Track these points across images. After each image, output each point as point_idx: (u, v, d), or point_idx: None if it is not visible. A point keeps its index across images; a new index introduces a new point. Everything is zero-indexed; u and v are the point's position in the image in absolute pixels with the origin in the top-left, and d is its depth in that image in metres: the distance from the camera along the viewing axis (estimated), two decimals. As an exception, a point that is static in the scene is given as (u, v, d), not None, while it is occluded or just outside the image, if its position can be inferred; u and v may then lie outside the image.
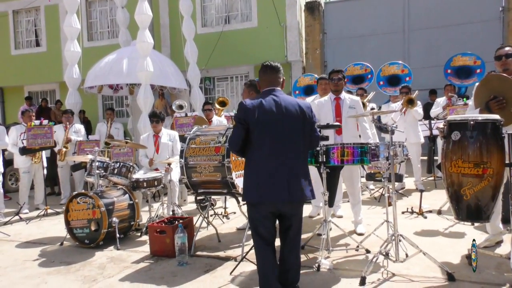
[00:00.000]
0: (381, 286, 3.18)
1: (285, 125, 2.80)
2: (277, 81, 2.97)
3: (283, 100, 2.85)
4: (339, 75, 4.55)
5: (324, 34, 11.94)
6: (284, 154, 2.79)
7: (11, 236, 5.30)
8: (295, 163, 2.83)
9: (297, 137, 2.84)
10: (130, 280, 3.61)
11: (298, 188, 2.80)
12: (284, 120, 2.80)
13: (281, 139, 2.80)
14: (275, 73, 2.97)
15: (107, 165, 5.09)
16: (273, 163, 2.78)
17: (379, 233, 4.05)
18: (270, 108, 2.81)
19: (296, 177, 2.81)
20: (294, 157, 2.82)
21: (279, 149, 2.79)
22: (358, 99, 4.76)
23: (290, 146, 2.81)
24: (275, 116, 2.79)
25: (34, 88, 14.45)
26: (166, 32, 12.43)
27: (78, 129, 7.51)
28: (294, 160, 2.82)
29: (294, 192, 2.78)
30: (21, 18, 14.18)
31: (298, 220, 2.94)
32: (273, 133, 2.79)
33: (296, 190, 2.79)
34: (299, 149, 2.85)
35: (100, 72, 9.10)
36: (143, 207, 5.51)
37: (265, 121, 2.78)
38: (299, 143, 2.85)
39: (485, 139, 3.01)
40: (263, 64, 3.01)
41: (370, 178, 6.29)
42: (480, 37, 10.29)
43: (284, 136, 2.80)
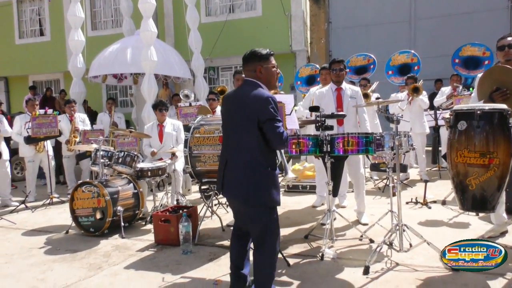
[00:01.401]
0: (385, 275, 3.18)
1: (233, 120, 2.70)
2: (251, 71, 2.74)
3: (241, 92, 2.73)
4: (340, 66, 4.52)
5: (329, 24, 11.84)
6: (230, 149, 2.73)
7: (17, 224, 5.35)
8: (235, 159, 2.67)
9: (241, 132, 2.65)
10: (135, 268, 3.64)
11: (235, 187, 2.66)
12: (232, 113, 2.71)
13: (229, 134, 2.75)
14: (247, 63, 2.77)
15: (111, 154, 5.10)
16: (222, 156, 2.80)
17: (383, 223, 4.05)
18: (227, 100, 2.80)
19: (232, 174, 2.68)
20: (235, 153, 2.68)
21: (227, 144, 2.77)
22: (358, 89, 4.73)
23: (233, 141, 2.71)
24: (228, 110, 2.76)
25: (39, 77, 14.49)
26: (170, 21, 12.38)
27: (83, 119, 7.51)
28: (234, 156, 2.67)
29: (227, 187, 2.71)
30: (25, 8, 14.16)
31: (251, 219, 2.70)
32: (224, 128, 2.81)
33: (229, 186, 2.70)
34: (244, 145, 2.63)
35: (104, 61, 9.10)
36: (147, 196, 5.53)
37: (223, 112, 2.82)
38: (245, 139, 2.63)
39: (492, 129, 2.98)
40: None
41: (374, 168, 6.28)
42: (487, 26, 10.16)
43: (231, 131, 2.73)
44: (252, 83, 2.71)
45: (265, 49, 2.76)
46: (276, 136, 2.58)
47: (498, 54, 3.73)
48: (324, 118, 3.64)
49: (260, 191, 2.60)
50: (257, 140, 2.60)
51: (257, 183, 2.60)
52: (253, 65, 2.73)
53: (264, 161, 2.64)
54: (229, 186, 2.71)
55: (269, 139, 2.60)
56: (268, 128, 2.57)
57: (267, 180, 2.63)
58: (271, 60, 2.76)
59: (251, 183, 2.60)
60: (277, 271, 3.34)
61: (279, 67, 6.95)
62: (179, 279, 3.34)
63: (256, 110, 2.58)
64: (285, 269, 3.39)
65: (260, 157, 2.62)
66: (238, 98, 2.72)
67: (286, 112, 3.61)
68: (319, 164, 4.60)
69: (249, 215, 2.71)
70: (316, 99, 4.69)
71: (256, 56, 2.73)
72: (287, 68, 10.60)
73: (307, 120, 4.81)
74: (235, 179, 2.66)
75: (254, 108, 2.58)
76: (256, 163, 2.62)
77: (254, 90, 2.65)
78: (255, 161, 2.61)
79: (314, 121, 3.80)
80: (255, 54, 2.73)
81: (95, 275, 3.53)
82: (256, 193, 2.60)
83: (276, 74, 2.85)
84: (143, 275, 3.48)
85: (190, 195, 6.66)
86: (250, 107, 2.60)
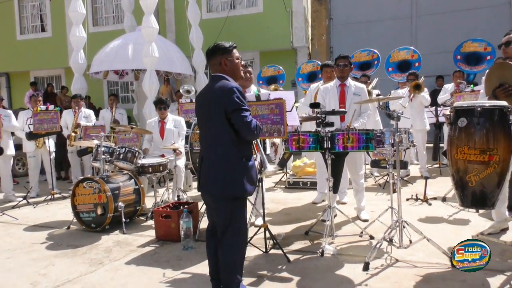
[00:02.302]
0: (385, 271, 3.20)
1: (203, 114, 2.73)
2: (216, 65, 2.73)
3: (209, 87, 2.74)
4: (345, 61, 4.51)
5: (331, 20, 11.81)
6: (203, 143, 2.76)
7: (19, 220, 5.38)
8: (209, 154, 2.67)
9: (212, 126, 2.65)
10: (136, 263, 3.66)
11: (207, 181, 2.66)
12: (203, 109, 2.72)
13: (202, 128, 2.79)
14: (212, 57, 2.76)
15: (112, 150, 5.11)
16: (200, 155, 2.82)
17: (383, 219, 4.06)
18: (198, 100, 2.82)
19: (207, 169, 2.67)
20: (209, 148, 2.69)
21: (201, 138, 2.80)
22: (363, 86, 4.70)
23: (207, 135, 2.72)
24: (199, 105, 2.78)
25: (40, 73, 14.49)
26: (171, 17, 12.36)
27: (88, 114, 7.48)
28: (208, 151, 2.69)
29: (202, 184, 2.71)
30: (26, 3, 14.13)
31: (219, 214, 2.69)
32: (198, 122, 2.84)
33: (204, 183, 2.69)
34: (217, 139, 2.64)
35: (106, 57, 9.10)
36: (148, 192, 5.55)
37: (196, 110, 2.84)
38: (217, 133, 2.63)
39: (492, 125, 2.98)
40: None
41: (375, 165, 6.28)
42: (489, 22, 10.13)
43: (202, 125, 2.77)
44: (217, 77, 2.70)
45: (228, 42, 2.77)
46: (244, 125, 2.57)
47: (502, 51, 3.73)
48: (325, 115, 3.64)
49: (231, 180, 2.59)
50: (227, 132, 2.60)
51: (229, 173, 2.60)
52: (217, 59, 2.73)
53: (237, 153, 2.63)
54: (204, 182, 2.70)
55: (238, 129, 2.60)
56: (236, 118, 2.57)
57: (239, 170, 2.62)
58: (234, 52, 2.77)
59: (223, 174, 2.59)
60: (278, 267, 3.38)
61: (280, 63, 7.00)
62: (180, 275, 3.36)
63: (222, 102, 2.57)
64: (286, 265, 3.41)
65: (232, 149, 2.62)
66: (206, 94, 2.74)
67: (287, 108, 3.63)
68: (320, 160, 4.60)
69: (215, 206, 2.71)
70: (320, 94, 4.70)
71: (219, 49, 2.73)
72: (288, 65, 10.58)
73: (308, 117, 4.81)
74: (208, 174, 2.66)
75: (220, 101, 2.58)
76: (229, 155, 2.62)
77: (217, 84, 2.66)
78: (227, 153, 2.62)
79: (314, 117, 3.80)
80: (219, 48, 2.73)
81: (97, 270, 3.55)
82: (226, 183, 2.58)
83: (241, 65, 2.86)
84: (144, 270, 3.50)
85: (191, 191, 6.68)
86: (216, 101, 2.61)
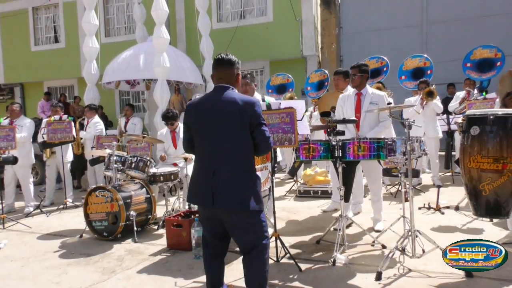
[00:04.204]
0: (398, 281, 3.17)
1: (216, 126, 2.57)
2: (230, 77, 2.71)
3: (221, 98, 2.60)
4: (354, 71, 4.50)
5: (340, 28, 11.82)
6: (214, 157, 2.59)
7: (32, 228, 5.44)
8: (226, 167, 2.55)
9: (231, 139, 2.56)
10: (147, 272, 3.68)
11: (225, 195, 2.53)
12: (216, 121, 2.57)
13: (211, 141, 2.60)
14: (226, 67, 2.71)
15: (124, 159, 5.17)
16: (202, 165, 2.65)
17: (395, 228, 4.03)
18: (204, 107, 2.64)
19: (224, 183, 2.53)
20: (225, 160, 2.56)
21: (209, 151, 2.61)
22: (383, 94, 4.58)
23: (220, 149, 2.57)
24: (208, 116, 2.60)
25: (53, 83, 14.74)
26: (182, 28, 12.50)
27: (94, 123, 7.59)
28: (224, 164, 2.56)
29: (219, 199, 2.53)
30: (40, 15, 14.44)
31: (242, 230, 2.63)
32: (203, 134, 2.64)
33: (221, 197, 2.53)
34: (233, 152, 2.57)
35: (118, 67, 9.22)
36: (159, 201, 5.58)
37: (198, 122, 2.65)
38: (235, 146, 2.56)
39: (505, 134, 2.96)
40: (216, 57, 2.76)
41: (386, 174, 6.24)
42: (500, 30, 10.05)
43: (214, 137, 2.58)
44: (225, 88, 2.66)
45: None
46: (266, 140, 2.59)
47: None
48: (336, 123, 3.65)
49: (253, 196, 2.57)
50: (247, 145, 2.59)
51: (251, 188, 2.58)
52: (233, 71, 2.73)
53: (252, 166, 2.64)
54: (223, 197, 2.54)
55: (258, 143, 2.59)
56: (259, 132, 2.57)
57: (257, 185, 2.63)
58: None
59: (246, 189, 2.56)
60: (289, 276, 3.37)
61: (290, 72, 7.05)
62: (192, 284, 3.37)
63: (247, 115, 2.54)
64: (297, 274, 3.40)
65: (251, 162, 2.63)
66: (222, 104, 2.59)
67: (298, 117, 3.64)
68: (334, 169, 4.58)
69: (234, 223, 2.62)
70: (339, 103, 4.70)
71: (235, 62, 2.74)
72: (298, 73, 10.61)
73: (319, 126, 4.81)
74: (230, 188, 2.54)
75: (244, 113, 2.54)
76: (248, 168, 2.61)
77: (237, 95, 2.63)
78: (247, 166, 2.60)
79: (325, 126, 3.81)
80: (234, 61, 2.74)
81: (109, 279, 3.58)
82: (251, 199, 2.55)
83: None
84: (155, 279, 3.51)
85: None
86: (240, 112, 2.54)
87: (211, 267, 2.79)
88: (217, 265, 2.80)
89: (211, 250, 2.78)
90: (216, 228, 2.71)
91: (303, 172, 7.00)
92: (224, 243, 2.81)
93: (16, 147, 5.81)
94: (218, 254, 2.80)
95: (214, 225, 2.71)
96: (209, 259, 2.79)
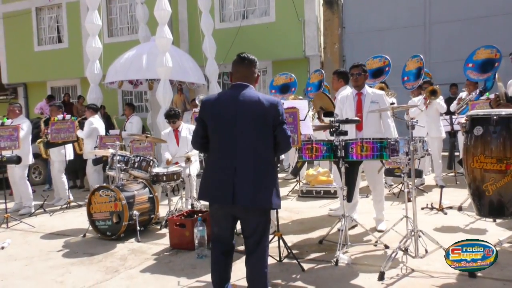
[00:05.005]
0: (400, 281, 3.16)
1: (238, 123, 2.57)
2: (251, 76, 2.74)
3: (242, 96, 2.62)
4: (358, 70, 4.47)
5: (343, 29, 11.81)
6: (234, 154, 2.58)
7: (36, 228, 5.46)
8: (247, 165, 2.57)
9: (253, 136, 2.58)
10: (150, 271, 3.69)
11: (247, 192, 2.54)
12: (238, 118, 2.57)
13: (232, 138, 2.59)
14: (249, 67, 2.73)
15: (127, 159, 5.18)
16: (221, 162, 2.62)
17: (398, 228, 4.03)
18: (224, 104, 2.63)
19: (246, 181, 2.55)
20: (246, 158, 2.57)
21: (229, 148, 2.60)
22: (382, 93, 4.59)
23: (242, 146, 2.57)
24: (228, 113, 2.60)
25: (57, 83, 14.78)
26: (184, 28, 12.52)
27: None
28: (246, 162, 2.57)
29: (240, 196, 2.53)
30: (43, 15, 14.48)
31: (256, 228, 2.66)
32: (224, 131, 2.61)
33: (243, 194, 2.54)
34: (255, 150, 2.58)
35: (121, 67, 9.24)
36: (162, 200, 5.59)
37: (217, 118, 2.63)
38: (256, 144, 2.59)
39: (509, 134, 2.96)
40: (238, 55, 2.78)
41: (389, 174, 6.23)
42: (503, 30, 10.02)
43: (236, 135, 2.58)
44: (245, 86, 2.70)
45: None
46: (287, 138, 2.66)
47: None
48: (339, 124, 3.65)
49: (275, 194, 2.64)
50: (269, 143, 2.63)
51: (273, 186, 2.64)
52: (254, 70, 2.77)
53: (274, 164, 2.71)
54: (245, 194, 2.54)
55: (280, 141, 2.65)
56: (281, 131, 2.63)
57: (277, 182, 2.71)
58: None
59: (269, 187, 2.60)
60: (292, 276, 3.37)
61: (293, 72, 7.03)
62: (195, 283, 3.37)
63: (271, 113, 2.60)
64: (300, 274, 3.40)
65: (272, 160, 2.68)
66: (246, 102, 2.61)
67: (301, 117, 3.65)
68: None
69: (251, 220, 2.67)
70: (337, 104, 4.69)
71: (257, 62, 2.79)
72: (300, 74, 10.60)
73: (321, 125, 4.81)
74: (252, 186, 2.55)
75: (269, 112, 2.59)
76: (270, 166, 2.66)
77: (258, 94, 2.67)
78: (269, 164, 2.65)
79: (328, 126, 3.81)
80: (256, 61, 2.79)
81: (112, 278, 3.59)
82: (274, 197, 2.62)
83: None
84: (158, 278, 3.52)
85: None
86: (264, 111, 2.59)
87: (221, 264, 2.80)
88: (227, 262, 2.82)
89: (222, 246, 2.79)
90: (229, 225, 2.75)
91: (305, 172, 7.00)
92: (232, 239, 2.84)
93: (20, 146, 5.83)
94: (228, 251, 2.82)
95: (228, 222, 2.74)
96: (219, 256, 2.79)
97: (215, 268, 2.81)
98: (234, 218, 2.73)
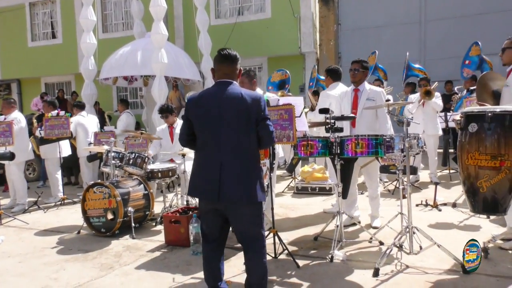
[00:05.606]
0: (395, 277, 3.18)
1: (222, 119, 2.59)
2: (233, 73, 2.74)
3: (225, 92, 2.63)
4: (355, 66, 4.44)
5: (339, 25, 11.82)
6: (218, 150, 2.60)
7: (30, 224, 5.43)
8: (233, 160, 2.59)
9: (237, 132, 2.60)
10: (145, 268, 3.68)
11: (232, 188, 2.56)
12: (222, 115, 2.59)
13: (216, 134, 2.61)
14: (231, 64, 2.73)
15: (122, 155, 5.16)
16: (207, 159, 2.65)
17: (393, 225, 4.04)
18: (208, 102, 2.64)
19: (231, 176, 2.57)
20: (231, 153, 2.59)
21: (213, 144, 2.62)
22: (380, 90, 4.54)
23: (226, 142, 2.59)
24: (213, 110, 2.61)
25: (51, 79, 14.68)
26: (180, 24, 12.46)
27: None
28: (230, 157, 2.59)
29: (226, 192, 2.56)
30: (37, 11, 14.35)
31: (245, 222, 2.67)
32: (208, 128, 2.64)
33: (228, 190, 2.56)
34: (240, 145, 2.61)
35: (115, 63, 9.20)
36: (157, 197, 5.57)
37: (201, 115, 2.65)
38: (240, 139, 2.61)
39: (503, 131, 2.97)
40: (219, 52, 2.76)
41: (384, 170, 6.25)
42: (498, 28, 10.06)
43: (219, 131, 2.60)
44: (229, 83, 2.69)
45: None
46: (270, 134, 2.66)
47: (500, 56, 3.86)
48: (334, 120, 3.65)
49: (260, 188, 2.65)
50: (253, 139, 2.64)
51: (258, 180, 2.65)
52: (236, 67, 2.76)
53: (258, 159, 2.71)
54: (231, 190, 2.57)
55: (262, 137, 2.66)
56: (263, 127, 2.63)
57: (262, 176, 2.71)
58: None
59: (253, 181, 2.62)
60: (287, 272, 3.38)
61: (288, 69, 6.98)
62: (190, 280, 3.37)
63: (254, 109, 2.60)
64: (295, 271, 3.41)
65: (256, 155, 2.69)
66: (229, 98, 2.62)
67: (296, 114, 3.64)
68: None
69: (239, 215, 2.66)
70: (337, 100, 4.69)
71: (239, 58, 2.78)
72: (296, 70, 10.60)
73: (317, 122, 4.81)
74: (238, 181, 2.58)
75: (251, 108, 2.59)
76: (254, 161, 2.68)
77: (241, 90, 2.67)
78: (253, 159, 2.67)
79: (323, 123, 3.80)
80: (238, 57, 2.77)
81: (107, 275, 3.58)
82: (258, 190, 2.63)
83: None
84: (153, 275, 3.51)
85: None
86: (247, 107, 2.59)
87: (212, 262, 2.79)
88: (217, 259, 2.80)
89: (212, 244, 2.79)
90: (217, 222, 2.74)
91: (301, 169, 7.01)
92: (223, 236, 2.83)
93: (14, 142, 5.79)
94: (219, 248, 2.81)
95: (216, 218, 2.73)
96: (210, 254, 2.79)
97: (206, 265, 2.81)
98: (222, 215, 2.70)
